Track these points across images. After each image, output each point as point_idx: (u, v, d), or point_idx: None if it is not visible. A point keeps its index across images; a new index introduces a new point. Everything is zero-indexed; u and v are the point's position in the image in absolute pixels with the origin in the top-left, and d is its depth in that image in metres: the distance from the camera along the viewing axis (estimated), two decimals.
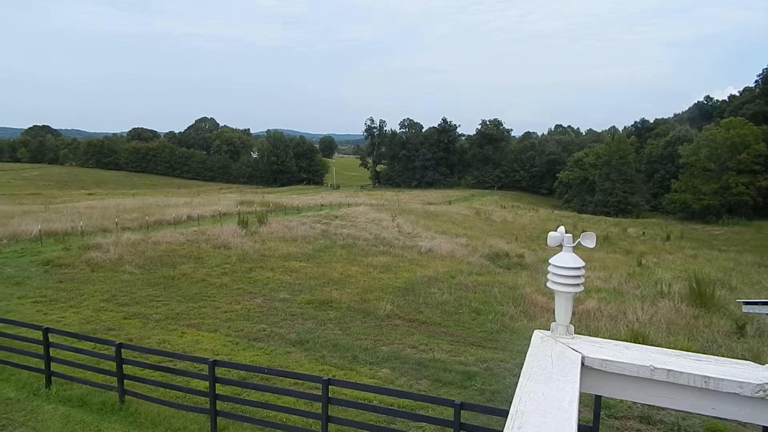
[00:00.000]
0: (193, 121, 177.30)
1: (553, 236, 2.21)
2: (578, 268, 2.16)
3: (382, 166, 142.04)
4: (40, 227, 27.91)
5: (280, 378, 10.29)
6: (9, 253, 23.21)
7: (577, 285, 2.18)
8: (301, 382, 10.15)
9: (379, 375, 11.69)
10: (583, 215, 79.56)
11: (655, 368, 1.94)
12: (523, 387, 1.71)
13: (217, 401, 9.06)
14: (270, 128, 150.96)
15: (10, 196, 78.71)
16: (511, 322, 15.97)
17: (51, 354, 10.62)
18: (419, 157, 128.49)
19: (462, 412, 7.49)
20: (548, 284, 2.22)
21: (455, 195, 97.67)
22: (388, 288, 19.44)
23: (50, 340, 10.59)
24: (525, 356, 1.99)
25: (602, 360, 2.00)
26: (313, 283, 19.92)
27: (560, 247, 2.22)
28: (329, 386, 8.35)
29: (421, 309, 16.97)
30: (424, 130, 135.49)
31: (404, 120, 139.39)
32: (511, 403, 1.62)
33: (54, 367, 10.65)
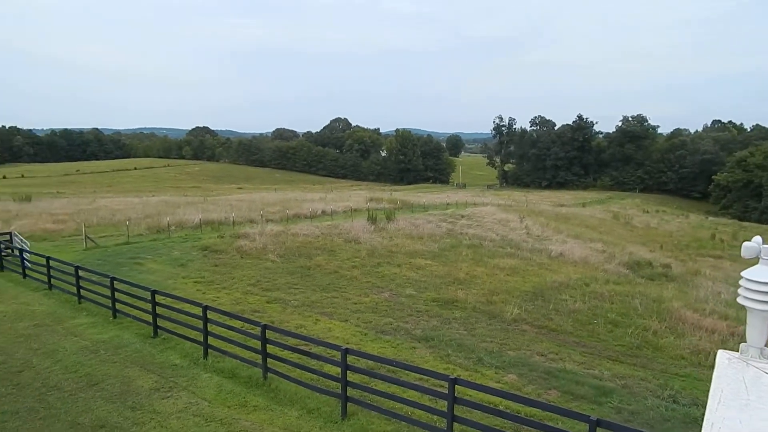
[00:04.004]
0: (328, 122, 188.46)
1: (749, 247, 1.95)
2: None
3: (510, 165, 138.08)
4: (200, 217, 31.78)
5: (406, 372, 10.51)
6: (176, 238, 26.74)
7: None
8: (426, 378, 10.24)
9: (505, 380, 11.38)
10: (745, 223, 69.60)
11: None
12: (713, 412, 1.53)
13: (348, 387, 9.51)
14: (399, 127, 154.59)
15: (176, 189, 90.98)
16: (655, 338, 14.56)
17: (208, 329, 12.01)
18: (550, 157, 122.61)
19: (598, 429, 6.99)
20: (739, 300, 1.96)
21: (589, 197, 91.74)
22: (515, 291, 18.85)
23: (208, 316, 11.98)
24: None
25: None
26: (439, 281, 20.01)
27: (756, 259, 1.95)
28: (455, 385, 8.32)
29: (551, 316, 16.19)
30: (556, 128, 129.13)
31: (535, 117, 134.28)
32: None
33: (210, 340, 12.03)
